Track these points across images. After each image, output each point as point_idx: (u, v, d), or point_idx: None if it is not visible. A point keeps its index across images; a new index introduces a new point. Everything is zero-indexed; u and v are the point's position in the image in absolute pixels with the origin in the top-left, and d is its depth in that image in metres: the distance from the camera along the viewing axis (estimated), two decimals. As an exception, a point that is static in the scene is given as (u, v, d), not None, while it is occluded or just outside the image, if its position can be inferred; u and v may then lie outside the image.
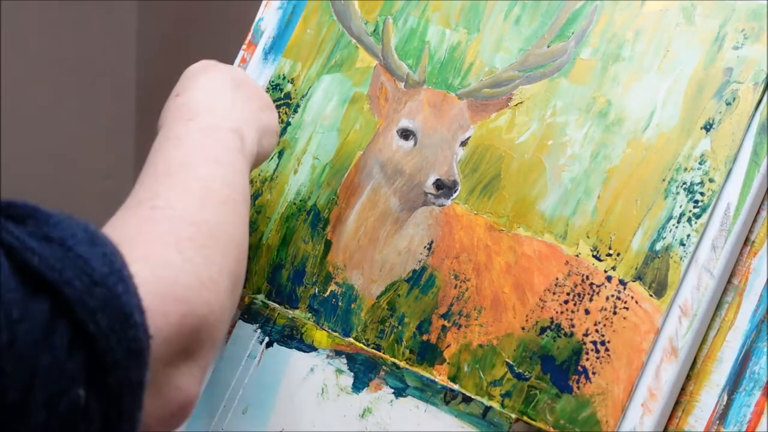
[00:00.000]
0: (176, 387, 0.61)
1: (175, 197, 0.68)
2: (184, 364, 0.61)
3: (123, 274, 0.55)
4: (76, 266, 0.53)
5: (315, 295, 0.87)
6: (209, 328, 0.62)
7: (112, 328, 0.53)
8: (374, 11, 0.91)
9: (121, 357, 0.53)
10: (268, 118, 0.83)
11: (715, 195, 0.76)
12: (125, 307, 0.54)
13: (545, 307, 0.79)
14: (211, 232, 0.66)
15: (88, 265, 0.54)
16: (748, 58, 0.78)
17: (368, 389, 0.83)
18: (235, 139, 0.76)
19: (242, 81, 0.83)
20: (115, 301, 0.54)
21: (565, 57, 0.83)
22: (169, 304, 0.59)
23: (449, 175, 0.84)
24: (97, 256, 0.55)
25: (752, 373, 0.73)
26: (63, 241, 0.54)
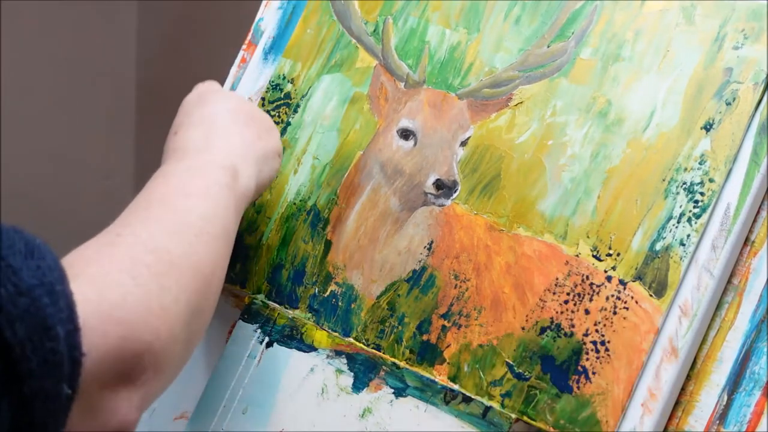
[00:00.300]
0: (112, 411, 0.61)
1: (143, 227, 0.69)
2: (124, 388, 0.62)
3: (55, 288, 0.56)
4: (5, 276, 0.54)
5: (315, 295, 0.87)
6: (154, 355, 0.63)
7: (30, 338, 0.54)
8: (374, 11, 0.91)
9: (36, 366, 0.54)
10: (266, 144, 0.83)
11: (715, 195, 0.76)
12: (47, 320, 0.55)
13: (545, 307, 0.79)
14: (173, 262, 0.67)
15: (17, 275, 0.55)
16: (748, 58, 0.78)
17: (368, 389, 0.83)
18: (225, 176, 0.77)
19: (238, 109, 0.84)
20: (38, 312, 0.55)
21: (565, 57, 0.83)
22: (110, 324, 0.60)
23: (449, 175, 0.84)
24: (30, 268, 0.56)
25: (752, 373, 0.73)
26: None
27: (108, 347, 0.60)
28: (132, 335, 0.61)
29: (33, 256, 0.57)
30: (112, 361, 0.60)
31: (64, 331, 0.56)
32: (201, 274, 0.70)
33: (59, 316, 0.56)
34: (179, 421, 0.90)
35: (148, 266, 0.65)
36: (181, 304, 0.66)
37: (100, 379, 0.60)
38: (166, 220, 0.70)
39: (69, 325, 0.57)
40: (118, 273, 0.63)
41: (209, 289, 0.71)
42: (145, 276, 0.64)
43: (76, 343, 0.57)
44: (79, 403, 0.58)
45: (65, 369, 0.56)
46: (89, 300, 0.60)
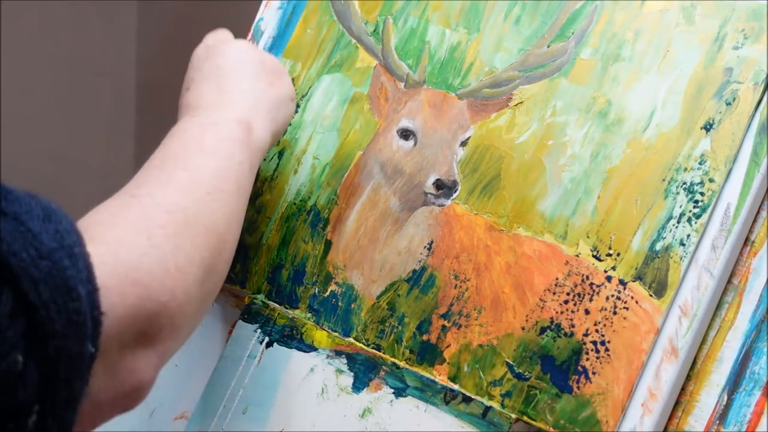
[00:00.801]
0: (130, 369, 0.63)
1: (157, 186, 0.70)
2: (142, 348, 0.63)
3: (74, 250, 0.58)
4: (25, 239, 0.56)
5: (315, 295, 0.87)
6: (170, 314, 0.64)
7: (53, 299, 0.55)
8: (374, 11, 0.91)
9: (60, 327, 0.55)
10: (279, 90, 0.83)
11: (715, 195, 0.76)
12: (69, 281, 0.56)
13: (545, 307, 0.79)
14: (187, 221, 0.68)
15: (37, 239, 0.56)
16: (748, 58, 0.78)
17: (368, 389, 0.83)
18: (238, 130, 0.77)
19: (248, 58, 0.84)
20: (60, 274, 0.56)
21: (565, 57, 0.83)
22: (127, 285, 0.61)
23: (449, 175, 0.84)
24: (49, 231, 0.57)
25: (752, 373, 0.73)
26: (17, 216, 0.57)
27: (126, 307, 0.61)
28: (149, 296, 0.62)
29: (51, 219, 0.58)
30: (130, 321, 0.62)
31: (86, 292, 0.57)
32: (215, 232, 0.70)
33: (80, 277, 0.57)
34: (179, 421, 0.90)
35: (163, 227, 0.66)
36: (196, 264, 0.67)
37: (118, 339, 0.61)
38: (180, 178, 0.71)
39: (89, 285, 0.58)
40: (134, 235, 0.65)
41: (224, 247, 0.72)
42: (160, 237, 0.65)
43: (97, 303, 0.58)
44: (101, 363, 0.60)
45: (88, 328, 0.57)
46: (106, 262, 0.61)
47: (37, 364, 0.55)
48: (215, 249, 0.70)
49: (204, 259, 0.68)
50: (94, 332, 0.58)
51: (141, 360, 0.64)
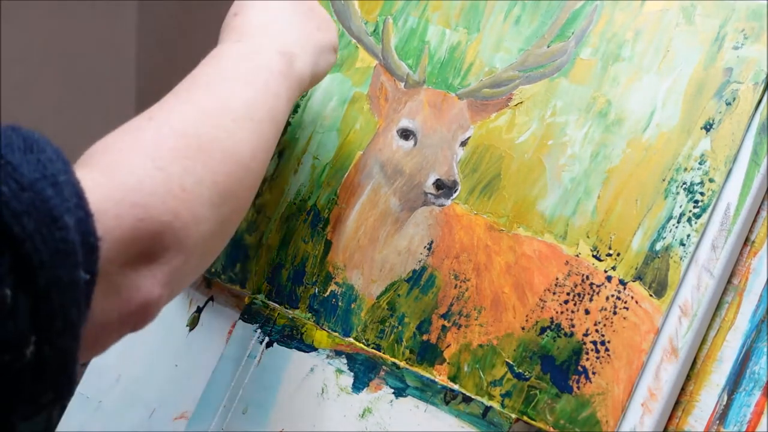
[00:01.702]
0: (135, 288, 0.63)
1: (178, 109, 0.70)
2: (146, 266, 0.64)
3: (58, 179, 0.57)
4: (5, 172, 0.56)
5: (315, 295, 0.87)
6: (174, 233, 0.64)
7: (38, 230, 0.55)
8: (374, 11, 0.91)
9: (48, 257, 0.55)
10: (325, 36, 0.83)
11: (715, 195, 0.76)
12: (53, 210, 0.56)
13: (545, 307, 0.79)
14: (202, 146, 0.68)
15: (17, 171, 0.56)
16: (748, 58, 0.78)
17: (368, 389, 0.83)
18: (279, 62, 0.77)
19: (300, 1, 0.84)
20: (43, 204, 0.56)
21: (565, 57, 0.83)
22: (124, 207, 0.62)
23: (449, 175, 0.84)
24: (30, 162, 0.57)
25: (752, 373, 0.73)
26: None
27: (124, 230, 0.61)
28: (149, 216, 0.63)
29: (32, 150, 0.58)
30: (130, 242, 0.62)
31: (75, 219, 0.57)
32: (235, 158, 0.70)
33: (66, 206, 0.57)
34: (179, 421, 0.90)
35: (171, 149, 0.66)
36: (206, 186, 0.67)
37: (118, 260, 0.61)
38: (205, 103, 0.71)
39: (79, 212, 0.58)
40: (138, 158, 0.65)
41: (246, 174, 0.72)
42: (167, 159, 0.66)
43: (90, 229, 0.58)
44: (103, 284, 0.60)
45: (79, 256, 0.57)
46: (100, 185, 0.61)
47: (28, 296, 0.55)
48: (234, 175, 0.70)
49: (218, 183, 0.68)
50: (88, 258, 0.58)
51: (146, 278, 0.64)
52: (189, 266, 0.67)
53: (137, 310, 0.64)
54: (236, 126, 0.71)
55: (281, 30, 0.80)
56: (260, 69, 0.76)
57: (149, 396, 0.92)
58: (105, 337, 0.64)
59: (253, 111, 0.73)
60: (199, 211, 0.66)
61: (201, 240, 0.67)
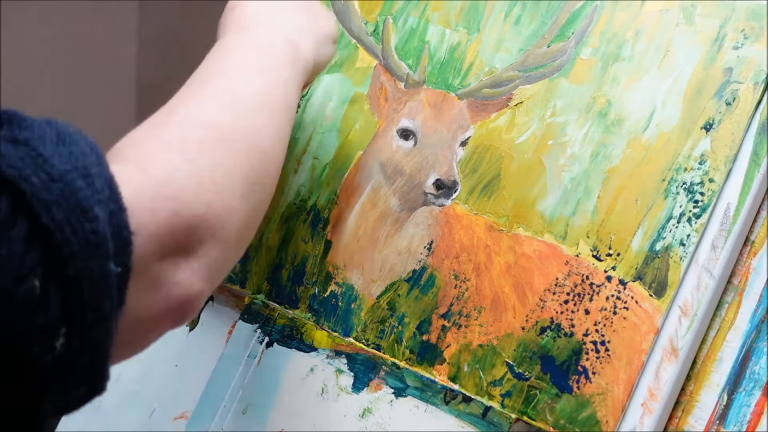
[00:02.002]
0: (175, 282, 0.63)
1: (197, 102, 0.70)
2: (184, 260, 0.63)
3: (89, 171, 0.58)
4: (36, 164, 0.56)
5: (315, 295, 0.87)
6: (210, 227, 0.64)
7: (68, 221, 0.55)
8: (374, 11, 0.91)
9: (78, 248, 0.55)
10: (325, 25, 0.83)
11: (715, 195, 0.76)
12: (83, 202, 0.56)
13: (545, 307, 0.79)
14: (225, 136, 0.68)
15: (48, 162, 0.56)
16: (748, 58, 0.78)
17: (368, 389, 0.83)
18: (286, 50, 0.77)
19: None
20: (73, 195, 0.56)
21: (565, 57, 0.83)
22: (159, 201, 0.62)
23: (449, 175, 0.84)
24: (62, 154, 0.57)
25: (752, 373, 0.73)
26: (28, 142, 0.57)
27: (159, 224, 0.61)
28: (183, 209, 0.63)
29: (65, 143, 0.58)
30: (166, 236, 0.62)
31: (106, 212, 0.57)
32: (258, 147, 0.70)
33: (97, 198, 0.57)
34: (179, 421, 0.90)
35: (198, 141, 0.67)
36: (236, 177, 0.67)
37: (155, 255, 0.61)
38: (222, 94, 0.71)
39: (112, 205, 0.58)
40: (167, 151, 0.65)
41: (269, 163, 0.72)
42: (195, 152, 0.66)
43: (123, 222, 0.58)
44: (139, 279, 0.60)
45: (109, 248, 0.57)
46: (134, 180, 0.61)
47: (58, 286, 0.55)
48: (259, 164, 0.70)
49: (246, 173, 0.68)
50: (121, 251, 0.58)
51: (185, 272, 0.63)
52: (225, 258, 0.68)
53: (178, 305, 0.64)
54: (254, 115, 0.72)
55: (283, 19, 0.80)
56: (269, 57, 0.76)
57: (149, 396, 0.92)
58: (145, 334, 0.64)
59: (267, 99, 0.73)
60: (230, 201, 0.66)
61: (235, 231, 0.67)
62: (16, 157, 0.56)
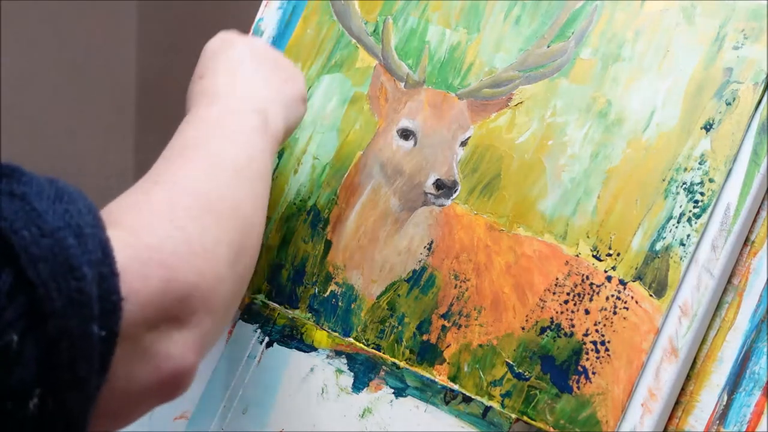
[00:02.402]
0: (166, 354, 0.61)
1: (179, 171, 0.70)
2: (177, 331, 0.62)
3: (83, 230, 0.57)
4: (29, 218, 0.55)
5: (315, 295, 0.87)
6: (203, 295, 0.63)
7: (53, 277, 0.55)
8: (374, 11, 0.91)
9: (61, 306, 0.54)
10: (292, 88, 0.83)
11: (715, 195, 0.76)
12: (72, 259, 0.55)
13: (545, 307, 0.79)
14: (212, 204, 0.68)
15: (41, 217, 0.56)
16: (748, 58, 0.78)
17: (368, 389, 0.83)
18: (256, 119, 0.77)
19: (262, 54, 0.84)
20: (62, 252, 0.55)
21: (565, 57, 0.83)
22: (151, 268, 0.61)
23: (449, 175, 0.84)
24: (57, 211, 0.57)
25: (752, 373, 0.73)
26: (24, 196, 0.56)
27: (150, 290, 0.60)
28: (175, 277, 0.61)
29: (62, 200, 0.58)
30: (158, 304, 0.60)
31: (96, 273, 0.56)
32: (241, 214, 0.70)
33: (87, 257, 0.56)
34: (179, 421, 0.90)
35: (186, 209, 0.66)
36: (223, 245, 0.67)
37: (147, 322, 0.60)
38: (202, 163, 0.71)
39: (103, 268, 0.57)
40: (156, 218, 0.64)
41: (252, 229, 0.71)
42: (183, 219, 0.65)
43: (113, 287, 0.57)
44: (128, 347, 0.59)
45: (94, 309, 0.56)
46: (128, 245, 0.60)
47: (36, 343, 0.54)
48: (243, 231, 0.70)
49: (232, 240, 0.68)
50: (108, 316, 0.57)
51: (177, 344, 0.62)
52: (215, 329, 0.66)
53: (169, 378, 0.62)
54: (235, 182, 0.71)
55: (251, 89, 0.80)
56: (242, 127, 0.76)
57: (149, 396, 0.92)
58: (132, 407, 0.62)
59: (244, 168, 0.73)
60: (220, 270, 0.65)
61: (224, 300, 0.66)
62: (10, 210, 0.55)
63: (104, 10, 1.83)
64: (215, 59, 0.82)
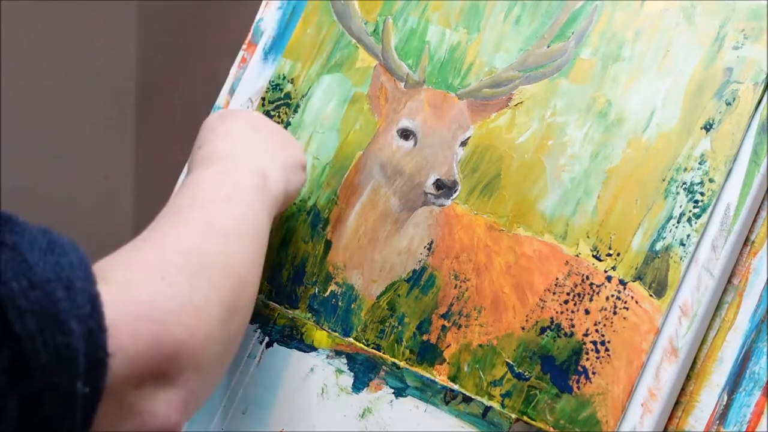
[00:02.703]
0: (151, 413, 0.61)
1: (171, 230, 0.69)
2: (162, 390, 0.61)
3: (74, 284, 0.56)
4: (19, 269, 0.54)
5: (315, 295, 0.87)
6: (192, 354, 0.62)
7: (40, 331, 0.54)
8: (374, 11, 0.91)
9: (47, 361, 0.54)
10: (291, 154, 0.84)
11: (715, 195, 0.76)
12: (60, 314, 0.54)
13: (545, 307, 0.79)
14: (204, 262, 0.67)
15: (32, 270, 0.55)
16: (748, 58, 0.78)
17: (368, 389, 0.83)
18: (254, 179, 0.77)
19: (261, 124, 0.84)
20: (50, 306, 0.54)
21: (565, 57, 0.83)
22: (140, 324, 0.60)
23: (449, 175, 0.84)
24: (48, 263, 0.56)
25: (752, 373, 0.73)
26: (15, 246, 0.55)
27: (139, 347, 0.59)
28: (165, 334, 0.61)
29: (53, 252, 0.57)
30: (146, 361, 0.60)
31: (84, 329, 0.56)
32: (234, 273, 0.70)
33: (75, 312, 0.55)
34: (179, 421, 0.90)
35: (177, 267, 0.65)
36: (214, 303, 0.66)
37: (133, 380, 0.59)
38: (196, 222, 0.71)
39: (91, 323, 0.56)
40: (148, 275, 0.63)
41: (245, 289, 0.71)
42: (174, 276, 0.64)
43: (100, 343, 0.56)
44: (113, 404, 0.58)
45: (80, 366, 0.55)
46: (118, 301, 0.59)
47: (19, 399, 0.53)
48: (235, 291, 0.69)
49: (224, 299, 0.67)
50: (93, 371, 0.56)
51: (162, 403, 0.61)
52: (203, 389, 0.66)
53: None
54: (229, 241, 0.71)
55: (249, 153, 0.80)
56: (239, 188, 0.76)
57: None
58: None
59: (241, 227, 0.73)
60: (211, 329, 0.65)
61: (214, 360, 0.66)
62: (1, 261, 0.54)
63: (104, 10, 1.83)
64: (215, 131, 0.82)
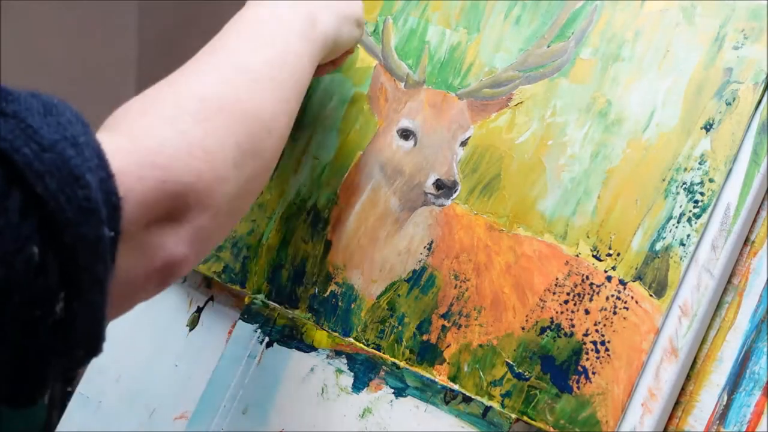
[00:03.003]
0: (159, 246, 0.65)
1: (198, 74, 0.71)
2: (170, 226, 0.65)
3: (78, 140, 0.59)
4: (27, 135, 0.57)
5: (315, 295, 0.87)
6: (198, 194, 0.66)
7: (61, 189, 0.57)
8: (374, 11, 0.91)
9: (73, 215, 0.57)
10: (349, 6, 0.84)
11: (715, 195, 0.76)
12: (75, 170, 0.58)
13: (545, 307, 0.79)
14: (223, 107, 0.69)
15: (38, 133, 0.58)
16: (748, 58, 0.78)
17: (368, 389, 0.83)
18: (301, 22, 0.78)
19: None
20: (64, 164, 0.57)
21: (565, 57, 0.83)
22: (146, 169, 0.63)
23: (449, 175, 0.84)
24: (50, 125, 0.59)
25: (752, 373, 0.73)
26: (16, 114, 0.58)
27: (145, 190, 0.63)
28: (171, 178, 0.64)
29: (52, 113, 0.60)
30: (152, 203, 0.63)
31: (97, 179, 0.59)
32: (257, 118, 0.71)
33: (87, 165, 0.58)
34: (179, 421, 0.90)
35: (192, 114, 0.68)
36: (228, 147, 0.68)
37: (142, 220, 0.63)
38: (225, 65, 0.72)
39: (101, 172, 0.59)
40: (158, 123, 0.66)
41: (269, 134, 0.73)
42: (188, 123, 0.67)
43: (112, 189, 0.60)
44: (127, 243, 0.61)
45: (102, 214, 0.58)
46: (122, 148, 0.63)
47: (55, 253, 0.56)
48: (256, 135, 0.71)
49: (240, 143, 0.69)
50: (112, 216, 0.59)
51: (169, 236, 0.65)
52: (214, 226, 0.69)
53: (162, 267, 0.65)
54: (257, 86, 0.72)
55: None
56: (281, 29, 0.77)
57: (149, 396, 0.92)
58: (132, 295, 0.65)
59: (273, 71, 0.74)
60: (221, 171, 0.68)
61: (225, 199, 0.68)
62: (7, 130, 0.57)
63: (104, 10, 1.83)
64: None
